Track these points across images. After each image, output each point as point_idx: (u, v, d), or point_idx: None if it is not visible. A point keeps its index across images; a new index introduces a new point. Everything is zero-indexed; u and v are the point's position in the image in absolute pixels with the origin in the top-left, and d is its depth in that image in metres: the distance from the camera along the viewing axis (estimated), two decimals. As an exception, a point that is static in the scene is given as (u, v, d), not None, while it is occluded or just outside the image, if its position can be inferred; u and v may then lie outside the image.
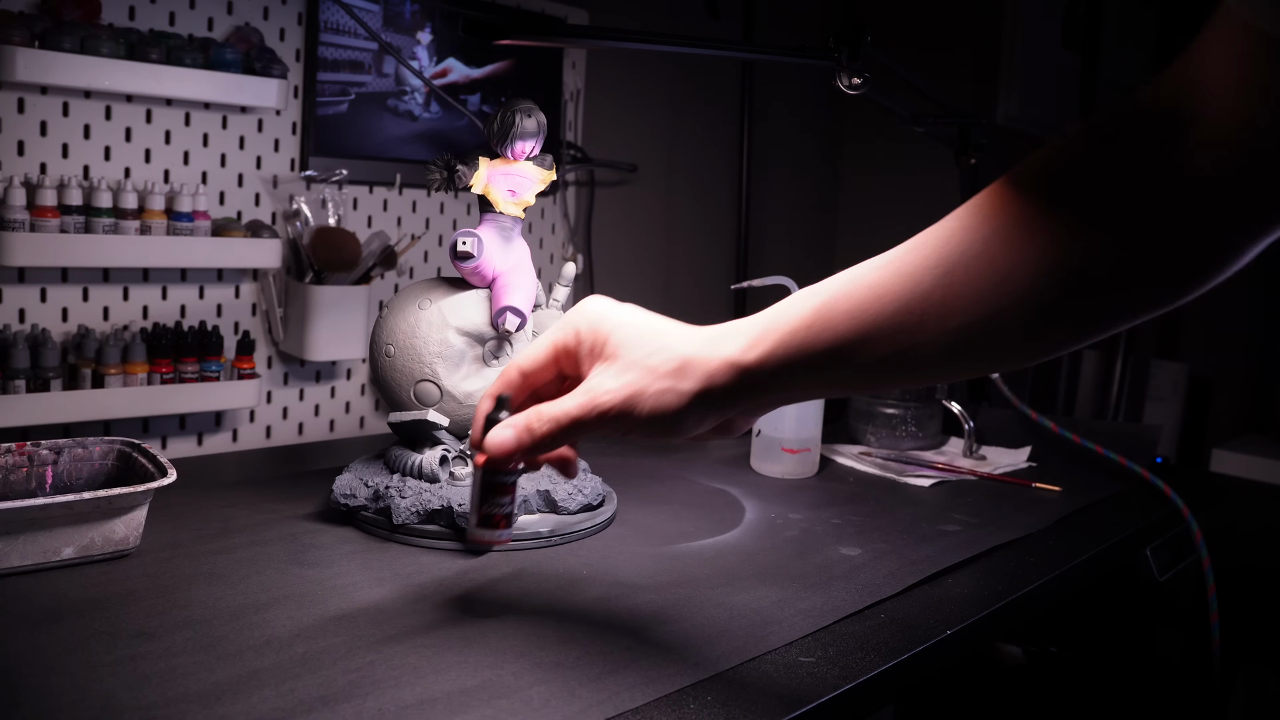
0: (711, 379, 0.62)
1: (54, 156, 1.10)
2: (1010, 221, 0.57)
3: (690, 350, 0.63)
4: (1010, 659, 1.19)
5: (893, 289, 0.59)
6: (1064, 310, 0.57)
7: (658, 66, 1.79)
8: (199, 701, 0.59)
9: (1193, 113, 0.54)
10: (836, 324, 0.60)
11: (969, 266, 0.58)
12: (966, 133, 1.37)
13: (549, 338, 0.68)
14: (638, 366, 0.63)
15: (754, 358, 0.61)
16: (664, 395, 0.62)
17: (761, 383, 0.62)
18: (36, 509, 0.75)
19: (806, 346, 0.61)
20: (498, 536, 0.70)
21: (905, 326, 0.58)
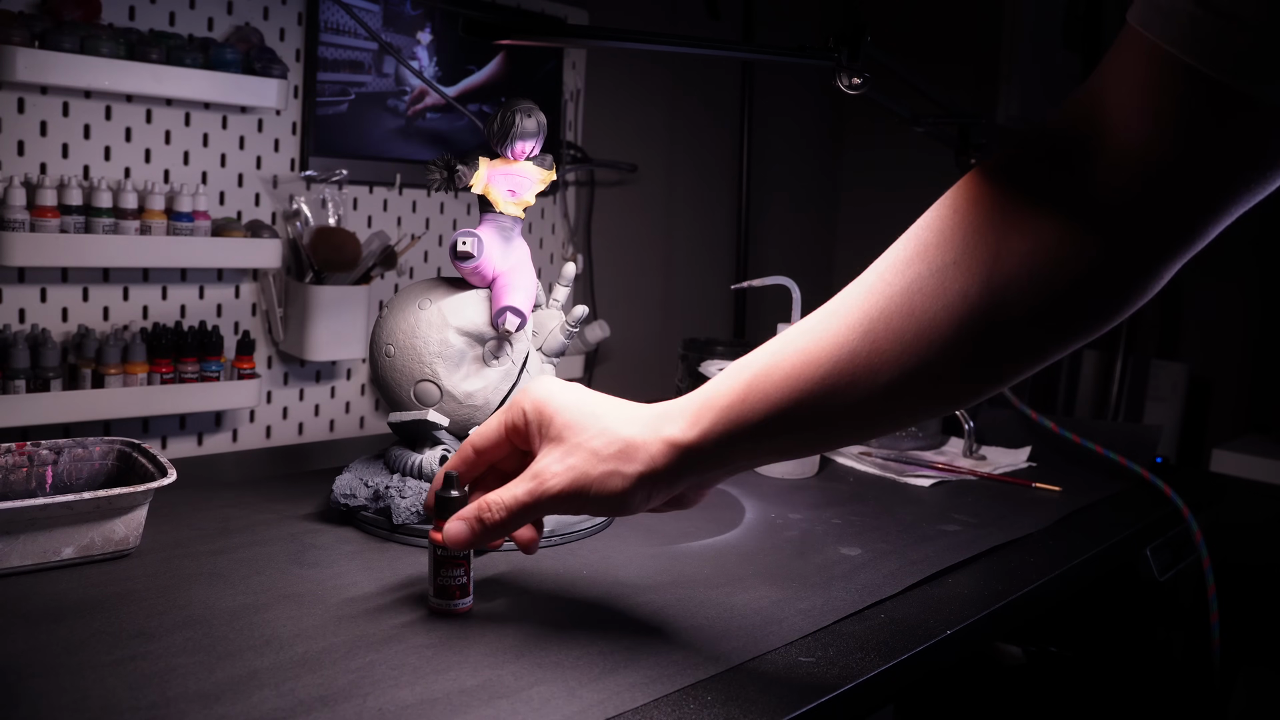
0: (654, 460, 0.64)
1: (54, 156, 1.10)
2: (925, 269, 0.58)
3: (632, 433, 0.65)
4: (1010, 659, 1.19)
5: (820, 353, 0.60)
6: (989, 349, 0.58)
7: (658, 66, 1.79)
8: (199, 701, 0.59)
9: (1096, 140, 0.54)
10: (770, 393, 0.61)
11: (890, 320, 0.59)
12: (966, 133, 1.37)
13: (499, 417, 0.71)
14: (582, 450, 0.65)
15: (693, 436, 0.63)
16: (609, 479, 0.64)
17: (703, 459, 0.64)
18: (36, 509, 0.75)
19: (743, 419, 0.62)
20: (454, 606, 0.74)
21: (837, 388, 0.60)
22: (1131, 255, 0.55)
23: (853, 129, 2.23)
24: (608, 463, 0.64)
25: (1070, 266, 0.55)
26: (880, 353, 0.58)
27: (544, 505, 0.66)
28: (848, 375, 0.59)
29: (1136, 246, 0.55)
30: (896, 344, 0.58)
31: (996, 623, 0.83)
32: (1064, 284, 0.55)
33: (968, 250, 0.57)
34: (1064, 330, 0.57)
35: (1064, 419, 1.40)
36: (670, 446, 0.64)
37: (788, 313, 1.22)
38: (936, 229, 0.59)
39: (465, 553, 0.73)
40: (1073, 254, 0.55)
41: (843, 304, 0.61)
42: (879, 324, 0.59)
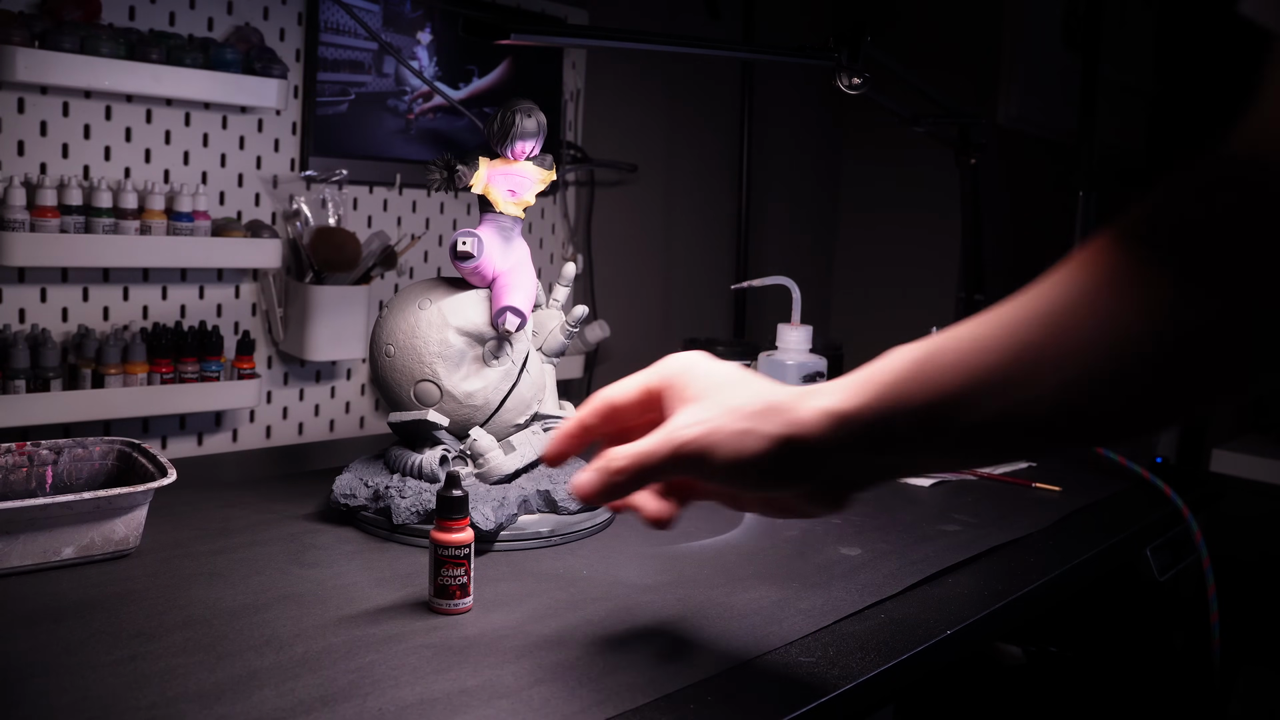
0: (800, 425, 0.57)
1: (54, 156, 1.10)
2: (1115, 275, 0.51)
3: (779, 396, 0.59)
4: (1010, 659, 1.19)
5: (996, 340, 0.54)
6: (1183, 367, 0.50)
7: (658, 66, 1.79)
8: (199, 701, 0.59)
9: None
10: (940, 378, 0.55)
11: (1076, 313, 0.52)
12: (966, 133, 1.37)
13: (640, 376, 0.65)
14: (720, 406, 0.59)
15: (850, 408, 0.56)
16: (744, 437, 0.58)
17: (857, 436, 0.56)
18: (36, 509, 0.75)
19: (909, 399, 0.55)
20: (454, 606, 0.74)
21: (1013, 379, 0.53)
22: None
23: (853, 129, 2.23)
24: (745, 420, 0.58)
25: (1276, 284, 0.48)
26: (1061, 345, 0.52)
27: (670, 460, 0.59)
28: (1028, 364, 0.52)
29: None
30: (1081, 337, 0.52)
31: (996, 623, 0.83)
32: (1272, 299, 0.48)
33: (1162, 256, 0.50)
34: (1262, 363, 0.50)
35: (1064, 419, 1.40)
36: (823, 413, 0.56)
37: (788, 313, 1.22)
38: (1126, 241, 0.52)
39: (465, 552, 0.74)
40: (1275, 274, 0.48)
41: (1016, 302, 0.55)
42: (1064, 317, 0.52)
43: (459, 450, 0.94)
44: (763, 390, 0.59)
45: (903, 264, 2.14)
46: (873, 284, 2.20)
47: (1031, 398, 0.52)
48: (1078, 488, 1.19)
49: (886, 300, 2.16)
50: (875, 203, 2.22)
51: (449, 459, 0.92)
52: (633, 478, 0.61)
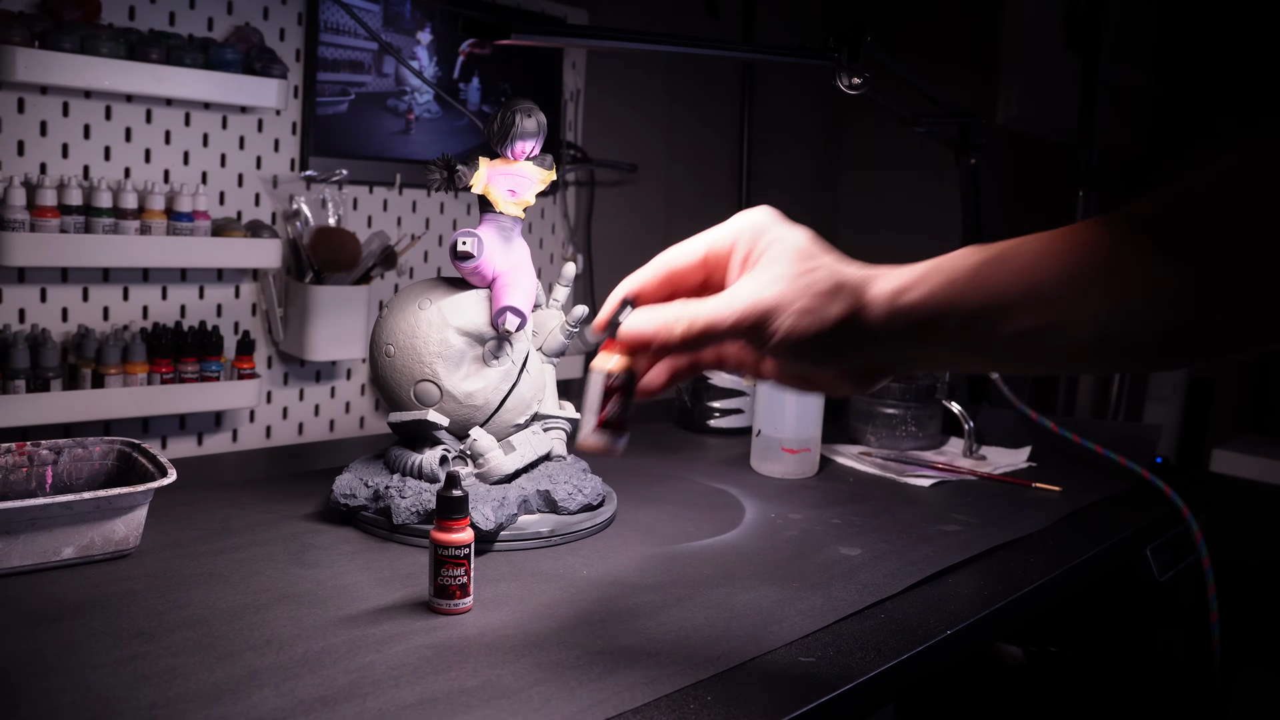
0: (862, 309, 0.58)
1: (54, 156, 1.10)
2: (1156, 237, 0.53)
3: (848, 276, 0.59)
4: (1010, 659, 1.19)
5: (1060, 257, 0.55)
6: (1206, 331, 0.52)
7: (658, 66, 1.79)
8: (199, 701, 0.59)
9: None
10: (1000, 280, 0.56)
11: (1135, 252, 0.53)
12: (966, 133, 1.37)
13: (705, 237, 0.63)
14: (788, 279, 0.59)
15: (909, 300, 0.57)
16: (806, 314, 0.58)
17: (909, 328, 0.57)
18: (36, 509, 0.75)
19: (966, 297, 0.56)
20: (454, 606, 0.73)
21: (1066, 296, 0.54)
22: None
23: (853, 129, 2.23)
24: (814, 298, 0.58)
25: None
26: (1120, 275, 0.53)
27: (730, 324, 0.59)
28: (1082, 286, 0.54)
29: None
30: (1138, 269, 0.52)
31: (996, 623, 0.83)
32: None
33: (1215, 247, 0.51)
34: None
35: (1064, 419, 1.40)
36: (885, 300, 0.57)
37: (788, 313, 1.21)
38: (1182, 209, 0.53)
39: (465, 552, 0.73)
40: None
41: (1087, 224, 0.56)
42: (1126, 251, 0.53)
43: (459, 450, 0.94)
44: (832, 266, 0.59)
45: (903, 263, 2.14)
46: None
47: (1077, 318, 0.54)
48: (1078, 488, 1.19)
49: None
50: (875, 202, 2.22)
51: (449, 459, 0.92)
52: (691, 339, 0.60)
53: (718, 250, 0.63)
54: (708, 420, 1.45)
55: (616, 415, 0.64)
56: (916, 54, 1.97)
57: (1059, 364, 0.58)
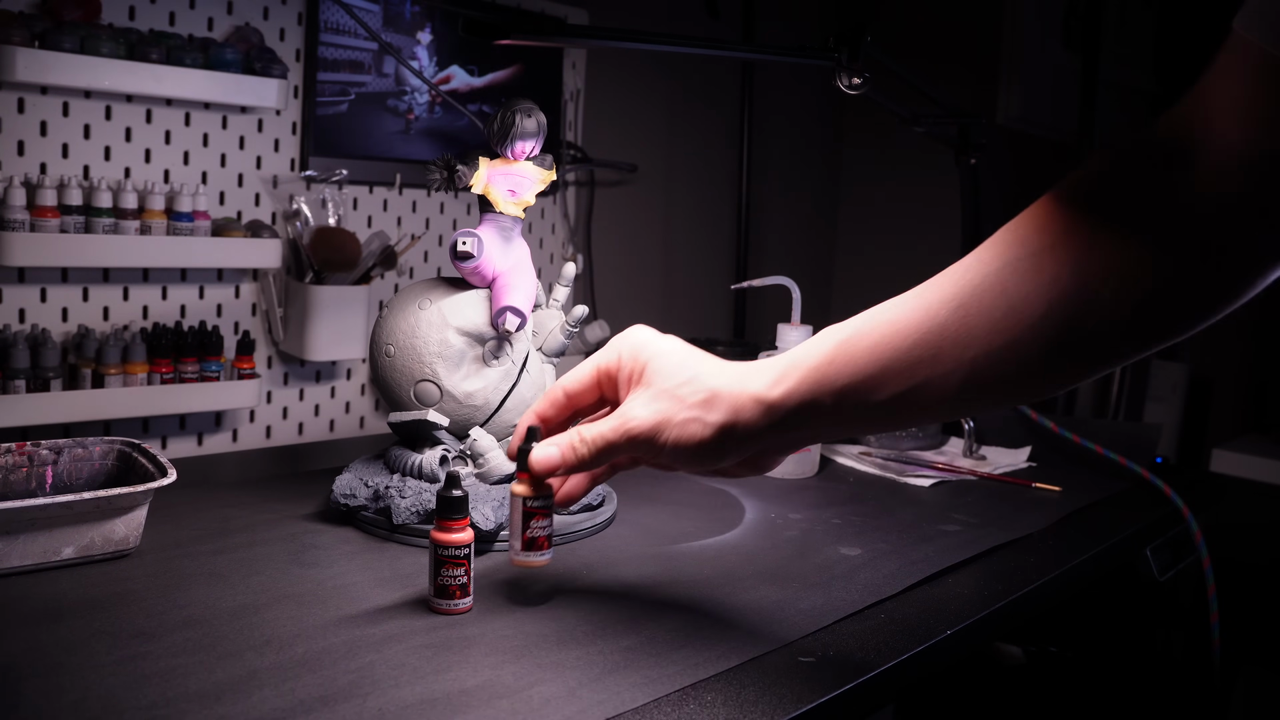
0: (737, 413, 0.64)
1: (54, 156, 1.10)
2: (1022, 252, 0.59)
3: (719, 384, 0.65)
4: (1010, 659, 1.19)
5: (910, 323, 0.61)
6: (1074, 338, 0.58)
7: (658, 66, 1.79)
8: (199, 701, 0.59)
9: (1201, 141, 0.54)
10: (857, 359, 0.62)
11: (982, 298, 0.59)
12: (966, 133, 1.37)
13: (593, 361, 0.72)
14: (668, 396, 0.66)
15: (778, 394, 0.63)
16: (690, 425, 0.65)
17: (785, 418, 0.64)
18: (36, 509, 0.75)
19: (828, 382, 0.62)
20: (454, 606, 0.74)
21: (923, 360, 0.60)
22: (1225, 261, 0.55)
23: (853, 129, 2.23)
24: (692, 410, 0.65)
25: (1163, 269, 0.56)
26: (970, 328, 0.59)
27: (626, 444, 0.67)
28: (934, 347, 0.60)
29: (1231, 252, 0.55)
30: (987, 320, 0.59)
31: (996, 623, 0.83)
32: (1154, 285, 0.56)
33: (1065, 237, 0.58)
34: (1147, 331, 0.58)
35: (1064, 419, 1.40)
36: (755, 401, 0.64)
37: (788, 313, 1.22)
38: (1037, 216, 0.60)
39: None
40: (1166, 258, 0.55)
41: (937, 282, 0.62)
42: (971, 300, 0.59)
43: (459, 450, 0.94)
44: (704, 376, 0.66)
45: (903, 264, 2.14)
46: (873, 284, 2.20)
47: (940, 374, 0.60)
48: (1078, 488, 1.19)
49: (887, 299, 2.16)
50: (875, 202, 2.22)
51: (449, 459, 0.92)
52: (592, 457, 0.69)
53: (606, 371, 0.71)
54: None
55: (540, 534, 0.73)
56: (916, 54, 1.98)
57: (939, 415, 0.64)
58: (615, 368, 0.70)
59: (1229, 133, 0.53)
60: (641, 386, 0.68)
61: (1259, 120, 0.52)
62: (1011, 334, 0.58)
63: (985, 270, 0.60)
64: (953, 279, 0.61)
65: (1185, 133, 0.56)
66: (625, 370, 0.70)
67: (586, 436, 0.69)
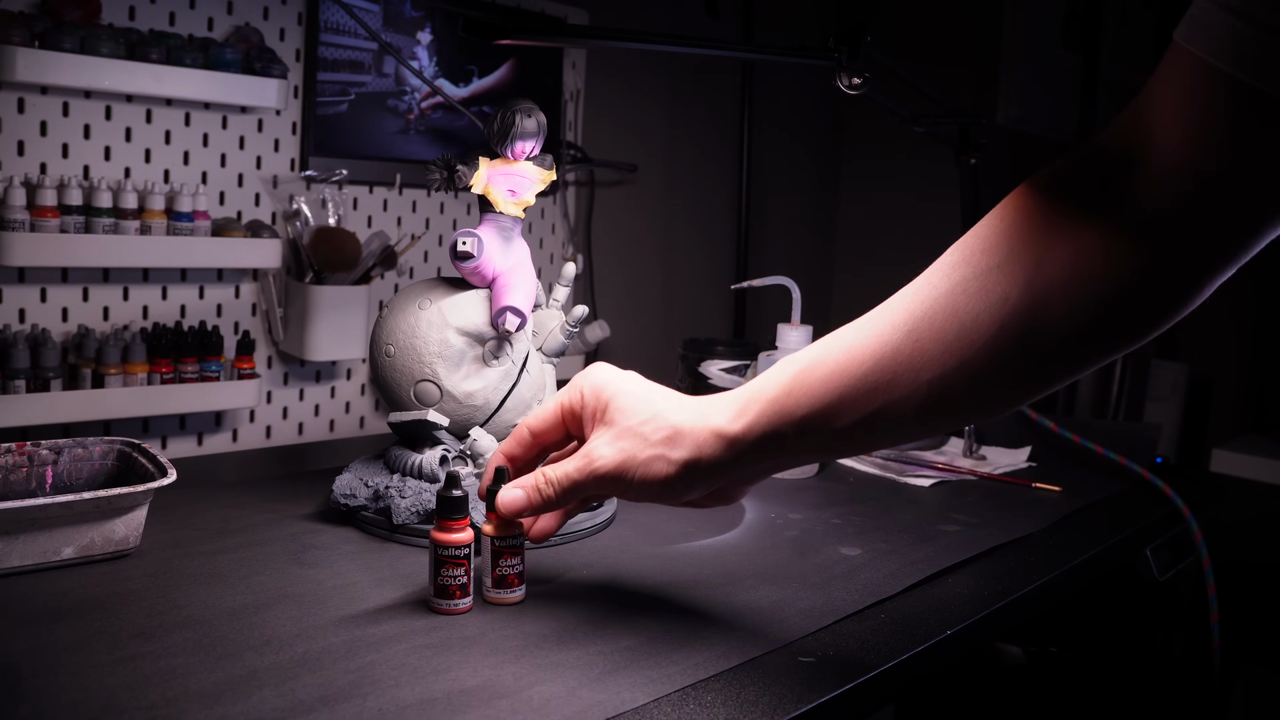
0: (700, 449, 0.65)
1: (54, 156, 1.10)
2: (969, 272, 0.59)
3: (681, 420, 0.66)
4: (1010, 659, 1.19)
5: (864, 350, 0.61)
6: (1029, 353, 0.59)
7: (658, 66, 1.79)
8: (199, 701, 0.59)
9: (1141, 154, 0.55)
10: (814, 388, 0.62)
11: (934, 321, 0.60)
12: (966, 133, 1.37)
13: (556, 400, 0.73)
14: (632, 434, 0.67)
15: (739, 428, 0.64)
16: (654, 463, 0.66)
17: (748, 451, 0.65)
18: (36, 509, 0.75)
19: (787, 413, 0.63)
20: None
21: (879, 386, 0.60)
22: (1173, 267, 0.56)
23: (853, 129, 2.23)
24: (655, 447, 0.66)
25: (1112, 276, 0.56)
26: (923, 351, 0.59)
27: (592, 484, 0.68)
28: (889, 372, 0.60)
29: (1179, 258, 0.55)
30: (939, 343, 0.59)
31: (996, 623, 0.83)
32: (1105, 292, 0.56)
33: (1012, 255, 0.58)
34: (1103, 337, 0.58)
35: (1064, 419, 1.40)
36: (716, 436, 0.65)
37: (788, 313, 1.22)
38: (983, 236, 0.61)
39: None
40: (1115, 264, 0.56)
41: (890, 305, 0.63)
42: (923, 323, 0.60)
43: (459, 450, 0.94)
44: (666, 414, 0.67)
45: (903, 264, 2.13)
46: (873, 284, 2.19)
47: (896, 399, 0.61)
48: (1078, 488, 1.19)
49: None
50: (875, 202, 2.22)
51: (449, 459, 0.92)
52: (558, 497, 0.70)
53: (570, 408, 0.72)
54: (708, 420, 1.44)
55: (510, 572, 0.75)
56: (917, 54, 1.98)
57: (900, 437, 0.65)
58: (579, 405, 0.71)
59: (1173, 143, 0.54)
60: (604, 425, 0.69)
61: (1200, 130, 0.53)
62: (965, 355, 0.59)
63: (935, 293, 0.60)
64: (904, 303, 0.62)
65: (1131, 142, 0.56)
66: (589, 408, 0.70)
67: (551, 477, 0.70)
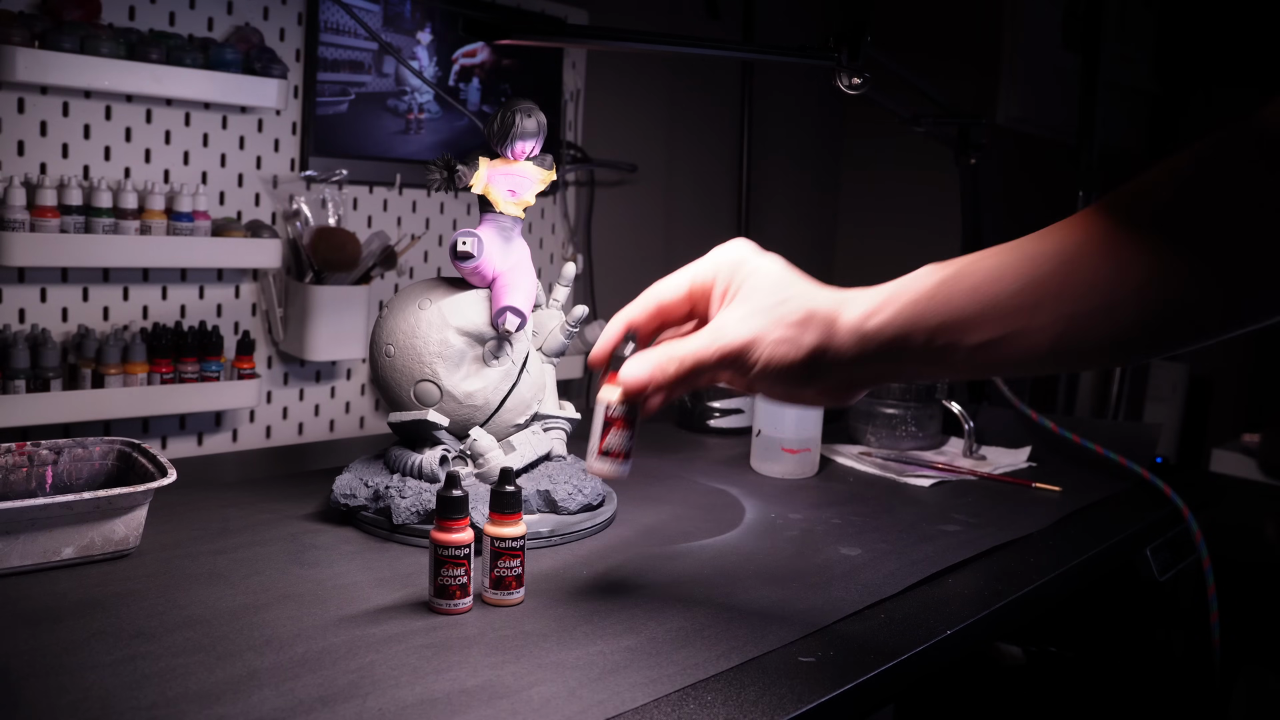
0: (830, 338, 0.63)
1: (54, 156, 1.10)
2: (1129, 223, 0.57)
3: (816, 305, 0.64)
4: (1010, 659, 1.19)
5: (1013, 270, 0.59)
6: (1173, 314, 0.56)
7: (658, 66, 1.79)
8: (199, 701, 0.59)
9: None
10: (956, 299, 0.60)
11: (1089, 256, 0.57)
12: (966, 133, 1.37)
13: (688, 272, 0.70)
14: (764, 313, 0.65)
15: (875, 324, 0.62)
16: (782, 344, 0.64)
17: (877, 350, 0.62)
18: (36, 509, 0.75)
19: (925, 318, 0.61)
20: (454, 606, 0.74)
21: (1023, 308, 0.58)
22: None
23: (853, 129, 2.23)
24: (787, 329, 0.64)
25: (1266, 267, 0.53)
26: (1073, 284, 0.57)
27: (716, 360, 0.66)
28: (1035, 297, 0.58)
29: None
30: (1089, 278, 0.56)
31: (996, 623, 0.83)
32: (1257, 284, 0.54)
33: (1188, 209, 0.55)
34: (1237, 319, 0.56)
35: (1064, 419, 1.40)
36: (849, 328, 0.63)
37: (788, 313, 1.22)
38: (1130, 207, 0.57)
39: (465, 552, 0.74)
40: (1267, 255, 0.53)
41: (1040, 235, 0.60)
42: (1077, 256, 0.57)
43: (459, 450, 0.94)
44: (802, 296, 0.65)
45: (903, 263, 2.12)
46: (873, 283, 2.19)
47: (1036, 326, 0.58)
48: (1078, 488, 1.19)
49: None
50: (875, 202, 2.22)
51: (449, 459, 0.92)
52: (682, 378, 0.67)
53: (700, 283, 0.69)
54: (708, 420, 1.45)
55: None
56: (916, 54, 1.97)
57: (1023, 368, 0.62)
58: (710, 282, 0.68)
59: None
60: (736, 302, 0.66)
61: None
62: (1113, 297, 0.56)
63: (1092, 231, 0.57)
64: (1058, 235, 0.59)
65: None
66: (720, 285, 0.68)
67: (676, 355, 0.67)
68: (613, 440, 0.71)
